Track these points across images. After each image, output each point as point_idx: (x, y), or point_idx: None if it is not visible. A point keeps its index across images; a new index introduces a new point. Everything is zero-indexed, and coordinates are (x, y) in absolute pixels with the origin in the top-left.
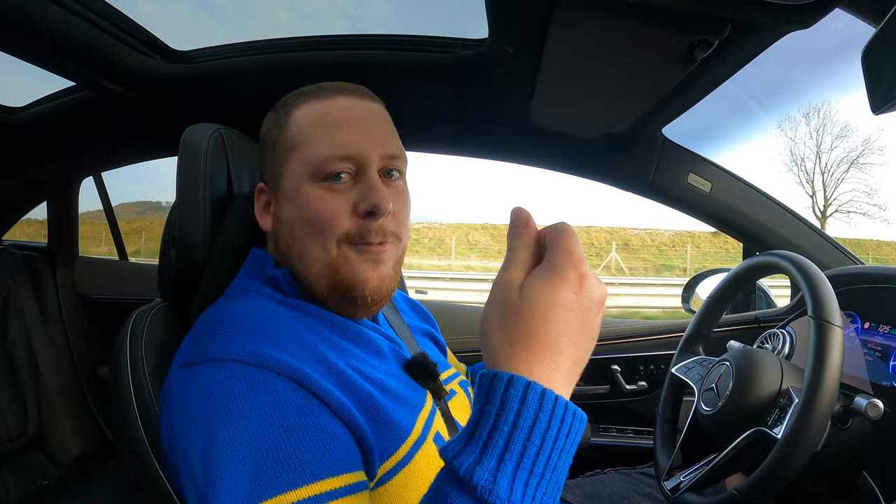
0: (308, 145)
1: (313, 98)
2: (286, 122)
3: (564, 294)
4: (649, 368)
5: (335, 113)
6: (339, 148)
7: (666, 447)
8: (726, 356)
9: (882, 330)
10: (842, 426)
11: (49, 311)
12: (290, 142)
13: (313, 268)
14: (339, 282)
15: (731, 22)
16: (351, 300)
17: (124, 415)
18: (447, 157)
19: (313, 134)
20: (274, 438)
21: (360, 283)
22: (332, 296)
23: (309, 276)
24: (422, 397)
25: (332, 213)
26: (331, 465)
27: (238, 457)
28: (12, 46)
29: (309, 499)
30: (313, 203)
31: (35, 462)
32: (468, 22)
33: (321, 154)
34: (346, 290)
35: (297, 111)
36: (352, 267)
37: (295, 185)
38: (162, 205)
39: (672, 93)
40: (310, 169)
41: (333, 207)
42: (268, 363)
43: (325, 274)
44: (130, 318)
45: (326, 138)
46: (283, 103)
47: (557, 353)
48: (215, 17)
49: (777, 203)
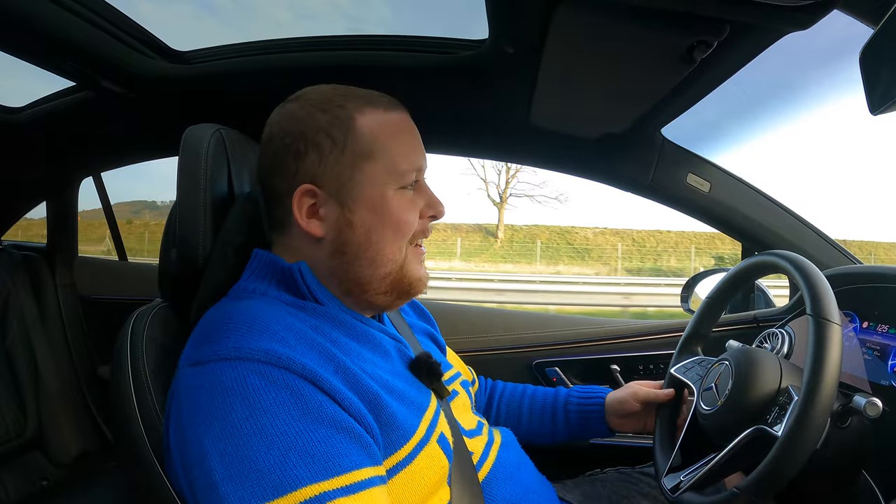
0: (390, 155)
1: (374, 107)
2: (353, 126)
3: None
4: (649, 368)
5: (403, 126)
6: (417, 161)
7: (665, 446)
8: (725, 356)
9: (881, 329)
10: (841, 425)
11: (48, 311)
12: (367, 148)
13: (386, 268)
14: (403, 279)
15: (730, 23)
16: (408, 295)
17: (125, 415)
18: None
19: (392, 145)
20: (299, 431)
21: (418, 280)
22: (391, 292)
23: (375, 277)
24: (426, 398)
25: (411, 215)
26: (355, 459)
27: (265, 448)
28: (12, 46)
29: (338, 490)
30: (398, 207)
31: (34, 462)
32: (468, 22)
33: (405, 165)
34: (408, 287)
35: (362, 116)
36: (414, 267)
37: (378, 192)
38: (157, 204)
39: (671, 93)
40: (394, 178)
41: (411, 210)
42: (283, 362)
43: (393, 273)
44: (131, 318)
45: (406, 151)
46: (331, 102)
47: None
48: (215, 18)
49: (776, 203)
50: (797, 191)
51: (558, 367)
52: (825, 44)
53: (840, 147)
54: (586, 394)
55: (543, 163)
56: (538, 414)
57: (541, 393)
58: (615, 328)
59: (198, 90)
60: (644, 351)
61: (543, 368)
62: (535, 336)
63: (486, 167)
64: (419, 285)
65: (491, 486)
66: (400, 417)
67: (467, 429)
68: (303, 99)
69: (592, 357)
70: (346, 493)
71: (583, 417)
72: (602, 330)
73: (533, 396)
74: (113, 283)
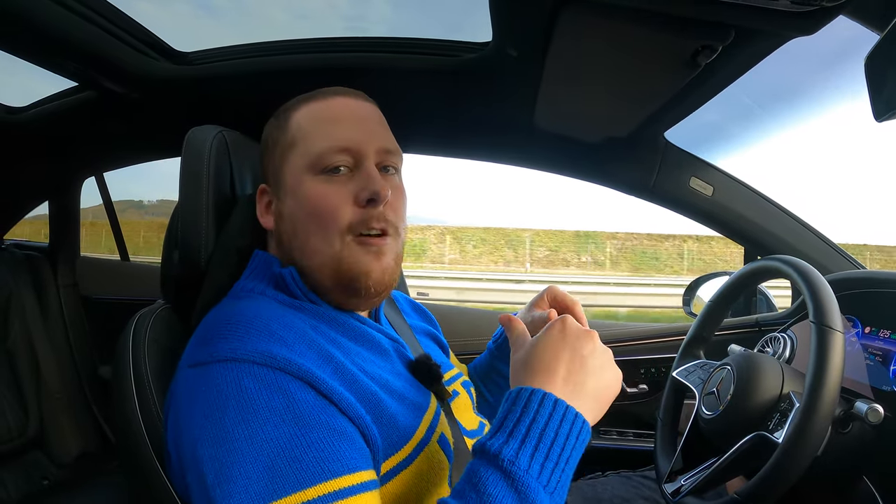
0: (307, 140)
1: (312, 100)
2: (287, 124)
3: (551, 335)
4: (650, 371)
5: (333, 110)
6: (337, 141)
7: (667, 450)
8: (727, 360)
9: (883, 334)
10: (842, 430)
11: (50, 310)
12: (290, 140)
13: (316, 260)
14: (342, 273)
15: (734, 28)
16: (355, 291)
17: (126, 416)
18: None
19: (312, 130)
20: (290, 436)
21: (363, 273)
22: (336, 288)
23: (312, 270)
24: (426, 398)
25: (334, 204)
26: (346, 463)
27: (254, 454)
28: (15, 46)
29: (327, 495)
30: (315, 195)
31: (36, 462)
32: (472, 25)
33: (320, 147)
34: (349, 282)
35: (296, 112)
36: (356, 259)
37: (296, 179)
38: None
39: (675, 97)
40: (309, 161)
41: (335, 198)
42: (279, 363)
43: (328, 266)
44: (133, 319)
45: (325, 133)
46: (284, 108)
47: (551, 371)
48: (214, 18)
49: (779, 207)
50: (800, 195)
51: None
52: (830, 48)
53: (844, 151)
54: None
55: (546, 166)
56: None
57: (479, 358)
58: (617, 331)
59: (200, 91)
60: (646, 354)
61: None
62: None
63: None
64: (364, 279)
65: None
66: (400, 418)
67: (469, 429)
68: (276, 112)
69: None
70: (335, 498)
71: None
72: (604, 333)
73: (475, 367)
74: (115, 283)
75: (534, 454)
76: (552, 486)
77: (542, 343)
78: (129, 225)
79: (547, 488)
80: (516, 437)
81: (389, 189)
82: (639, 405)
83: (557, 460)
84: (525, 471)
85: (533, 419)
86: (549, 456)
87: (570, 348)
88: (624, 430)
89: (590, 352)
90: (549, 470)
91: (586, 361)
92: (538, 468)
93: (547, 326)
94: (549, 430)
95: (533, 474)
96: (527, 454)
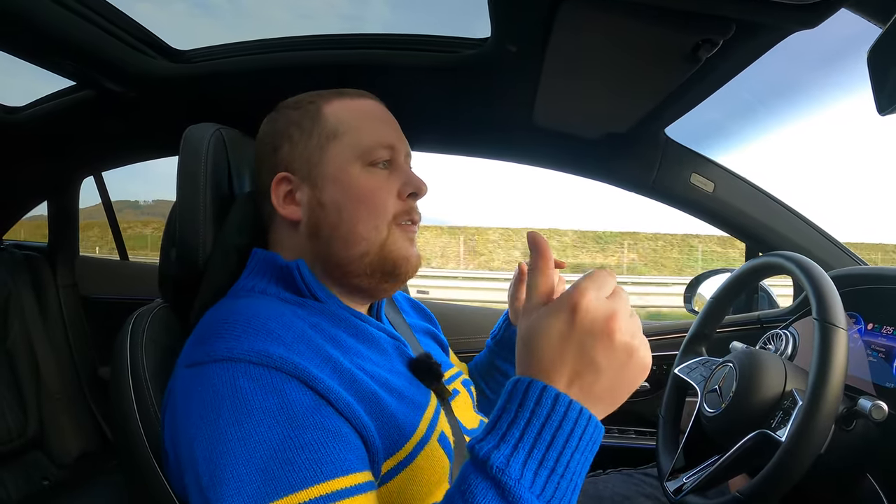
0: (354, 133)
1: (345, 97)
2: (320, 113)
3: (557, 326)
4: (652, 369)
5: (372, 109)
6: (383, 137)
7: (668, 448)
8: (729, 357)
9: (886, 331)
10: (846, 428)
11: (50, 311)
12: (331, 130)
13: (361, 247)
14: (386, 259)
15: (735, 22)
16: (395, 276)
17: (124, 416)
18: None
19: (359, 124)
20: (283, 438)
21: (404, 259)
22: (374, 274)
23: (352, 257)
24: (426, 396)
25: (384, 195)
26: (340, 465)
27: (247, 456)
28: (13, 45)
29: (320, 498)
30: (365, 184)
31: (36, 462)
32: (471, 21)
33: (369, 141)
34: (392, 267)
35: (329, 105)
36: (399, 245)
37: (341, 168)
38: (140, 204)
39: (675, 93)
40: (358, 153)
41: (384, 188)
42: (275, 363)
43: (372, 252)
44: (131, 318)
45: (373, 128)
46: (304, 101)
47: (551, 371)
48: (213, 17)
49: (780, 203)
50: (802, 191)
51: None
52: (832, 43)
53: (846, 147)
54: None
55: (546, 162)
56: (485, 371)
57: (479, 356)
58: None
59: (198, 89)
60: None
61: None
62: None
63: None
64: (404, 265)
65: None
66: (399, 417)
67: (469, 427)
68: (280, 106)
69: None
70: (329, 500)
71: (500, 343)
72: None
73: (476, 365)
74: (114, 282)
75: (526, 462)
76: (548, 497)
77: (546, 330)
78: (126, 224)
79: (542, 497)
80: (508, 442)
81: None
82: (640, 403)
83: (555, 467)
84: (517, 480)
85: (528, 420)
86: (544, 463)
87: (576, 346)
88: (625, 427)
89: (602, 352)
90: (543, 479)
91: (595, 363)
92: (531, 477)
93: (556, 307)
94: (545, 433)
95: (525, 485)
96: (518, 461)
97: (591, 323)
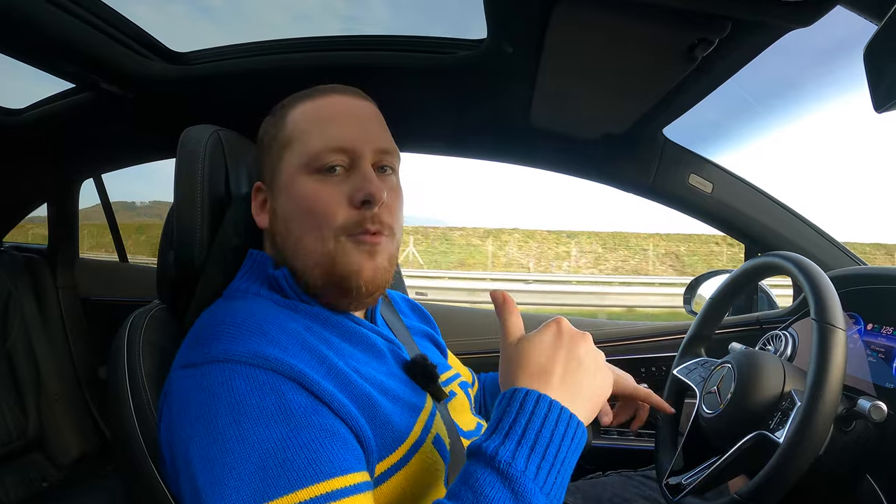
0: (303, 139)
1: (309, 98)
2: (283, 122)
3: (547, 337)
4: (651, 370)
5: (329, 109)
6: (332, 140)
7: (667, 450)
8: (728, 358)
9: (885, 331)
10: (845, 429)
11: (49, 312)
12: (286, 138)
13: (309, 259)
14: (334, 273)
15: (731, 20)
16: (346, 291)
17: (121, 417)
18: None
19: (308, 129)
20: (281, 437)
21: (354, 273)
22: (327, 287)
23: (304, 269)
24: (422, 399)
25: (328, 204)
26: (339, 465)
27: (245, 455)
28: (12, 48)
29: (319, 497)
30: (309, 194)
31: (35, 463)
32: (467, 22)
33: (316, 146)
34: (340, 281)
35: (293, 111)
36: (348, 258)
37: (290, 177)
38: (136, 205)
39: (672, 92)
40: (304, 160)
41: (329, 198)
42: (271, 364)
43: (320, 265)
44: (128, 320)
45: (321, 132)
46: (281, 105)
47: (547, 373)
48: (209, 19)
49: (779, 203)
50: (801, 190)
51: None
52: (829, 41)
53: (844, 146)
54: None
55: (543, 164)
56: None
57: (494, 375)
58: (617, 330)
59: (197, 91)
60: (646, 353)
61: None
62: None
63: None
64: (354, 277)
65: None
66: (394, 419)
67: (466, 430)
68: (272, 109)
69: None
70: (327, 499)
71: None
72: (604, 332)
73: (489, 380)
74: (114, 284)
75: (530, 456)
76: (548, 488)
77: (537, 342)
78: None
79: (543, 489)
80: (512, 439)
81: (385, 190)
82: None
83: (553, 461)
84: (522, 472)
85: (528, 421)
86: (546, 457)
87: (565, 349)
88: (624, 429)
89: (584, 353)
90: (545, 471)
91: (581, 363)
92: (534, 469)
93: (543, 326)
94: (544, 431)
95: (529, 476)
96: (523, 456)
97: (573, 331)
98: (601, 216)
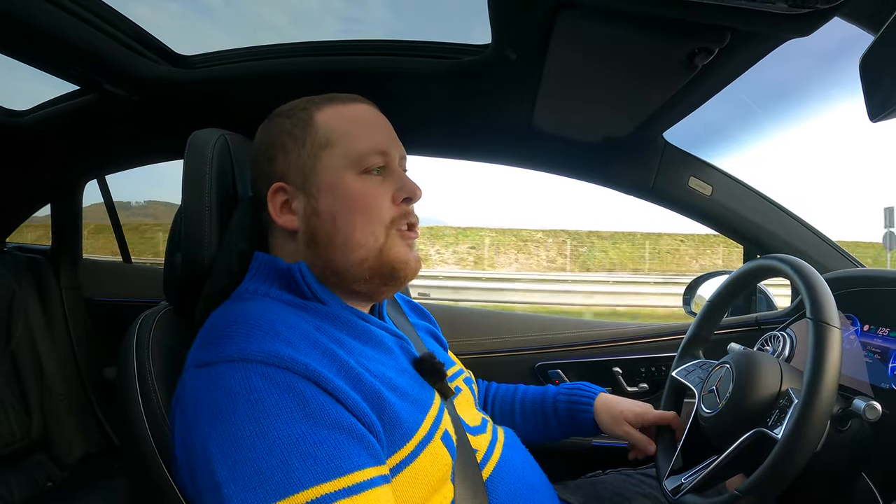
0: (347, 141)
1: (337, 102)
2: (312, 122)
3: None
4: (650, 370)
5: (365, 115)
6: (377, 144)
7: (667, 449)
8: (726, 359)
9: (882, 332)
10: (841, 428)
11: (53, 313)
12: (324, 138)
13: (359, 253)
14: (385, 264)
15: (730, 31)
16: (394, 280)
17: (131, 418)
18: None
19: (350, 131)
20: (302, 433)
21: (403, 263)
22: (374, 279)
23: (350, 263)
24: (430, 395)
25: (379, 201)
26: (358, 459)
27: (267, 450)
28: (17, 50)
29: (341, 490)
30: (359, 192)
31: (39, 463)
32: (471, 28)
33: (362, 148)
34: (391, 271)
35: (320, 112)
36: (398, 250)
37: (335, 176)
38: (131, 205)
39: (673, 98)
40: (351, 161)
41: (377, 195)
42: (286, 363)
43: (371, 258)
44: (137, 321)
45: (365, 135)
46: (297, 108)
47: None
48: (210, 20)
49: (778, 206)
50: (799, 194)
51: (560, 370)
52: (829, 47)
53: (842, 150)
54: (574, 390)
55: (545, 167)
56: (530, 412)
57: (531, 391)
58: (617, 331)
59: (202, 94)
60: (646, 353)
61: (546, 371)
62: (537, 338)
63: None
64: (404, 268)
65: (495, 483)
66: (403, 415)
67: (471, 425)
68: (274, 114)
69: (595, 359)
70: (349, 493)
71: (571, 412)
72: (604, 332)
73: (524, 395)
74: (118, 285)
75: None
76: None
77: None
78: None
79: None
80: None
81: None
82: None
83: None
84: None
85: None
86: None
87: None
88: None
89: None
90: None
91: None
92: None
93: None
94: None
95: None
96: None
97: None
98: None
